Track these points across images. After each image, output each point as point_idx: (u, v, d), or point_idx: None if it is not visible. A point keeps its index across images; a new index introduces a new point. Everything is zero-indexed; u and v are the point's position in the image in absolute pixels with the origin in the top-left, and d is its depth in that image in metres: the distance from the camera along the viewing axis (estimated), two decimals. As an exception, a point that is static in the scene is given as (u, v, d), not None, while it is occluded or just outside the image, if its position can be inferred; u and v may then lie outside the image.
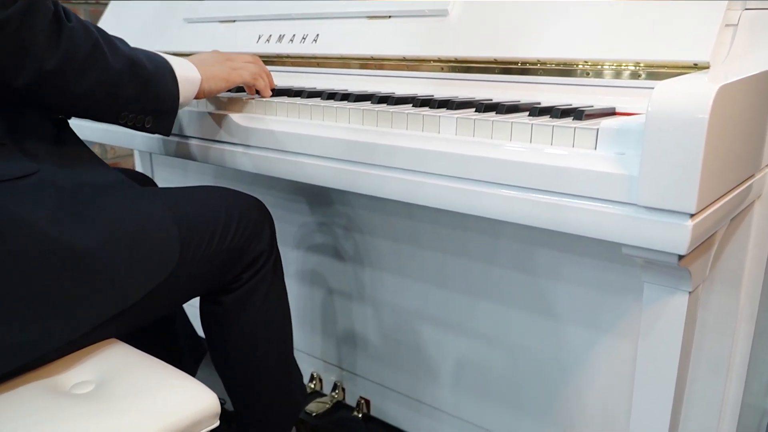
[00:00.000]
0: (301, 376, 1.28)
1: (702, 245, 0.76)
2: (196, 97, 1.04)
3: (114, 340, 0.88)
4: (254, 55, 1.17)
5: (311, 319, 1.63)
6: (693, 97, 0.66)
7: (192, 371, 1.39)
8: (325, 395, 1.61)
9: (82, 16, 2.64)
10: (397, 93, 1.11)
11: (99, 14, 2.55)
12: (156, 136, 1.11)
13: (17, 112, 0.86)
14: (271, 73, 1.21)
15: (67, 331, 0.79)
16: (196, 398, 0.76)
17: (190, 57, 1.08)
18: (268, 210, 1.13)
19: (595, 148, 0.76)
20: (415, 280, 1.37)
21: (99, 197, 0.86)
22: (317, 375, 1.64)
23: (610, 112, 0.89)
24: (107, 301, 0.83)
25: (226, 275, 1.04)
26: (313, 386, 1.63)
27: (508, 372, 1.27)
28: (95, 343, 0.86)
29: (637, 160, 0.71)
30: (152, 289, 0.87)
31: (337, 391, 1.58)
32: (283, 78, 1.29)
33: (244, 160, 1.11)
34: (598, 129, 0.75)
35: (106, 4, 2.49)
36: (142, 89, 0.92)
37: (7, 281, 0.74)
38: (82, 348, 0.84)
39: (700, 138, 0.66)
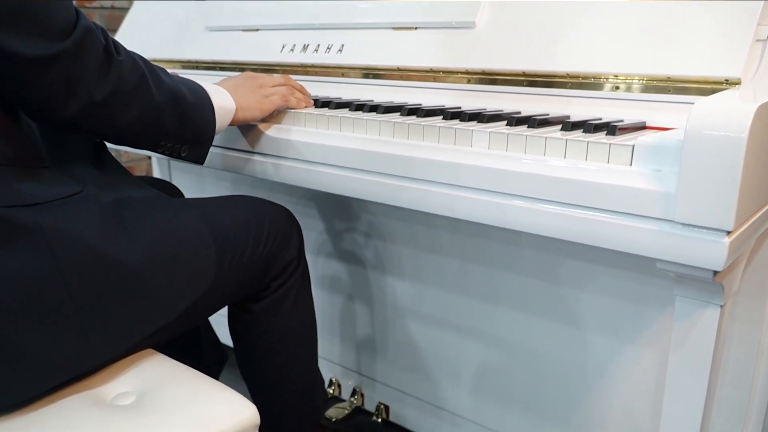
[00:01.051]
0: (323, 381, 1.29)
1: (735, 259, 0.77)
2: (230, 125, 1.06)
3: (151, 350, 0.89)
4: (285, 75, 1.17)
5: (330, 325, 1.64)
6: (732, 117, 0.67)
7: (215, 376, 1.41)
8: (344, 401, 1.62)
9: (97, 21, 2.67)
10: (424, 104, 1.12)
11: (114, 18, 2.57)
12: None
13: (59, 136, 0.88)
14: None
15: (110, 347, 0.81)
16: (237, 410, 0.77)
17: (224, 82, 1.09)
18: (295, 218, 1.14)
19: (631, 164, 0.76)
20: (436, 287, 1.39)
21: (140, 212, 0.87)
22: (336, 380, 1.65)
23: (641, 126, 0.90)
24: (150, 317, 0.84)
25: (256, 284, 1.06)
26: (332, 391, 1.64)
27: (529, 378, 1.28)
28: (133, 353, 0.87)
29: (674, 177, 0.72)
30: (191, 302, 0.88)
31: (356, 397, 1.60)
32: (307, 87, 1.30)
33: (274, 170, 1.12)
34: (634, 145, 0.76)
35: (121, 9, 2.51)
36: (182, 120, 0.93)
37: (55, 297, 0.75)
38: (121, 359, 0.86)
39: (739, 156, 0.67)
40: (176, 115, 0.93)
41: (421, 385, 1.48)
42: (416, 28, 1.18)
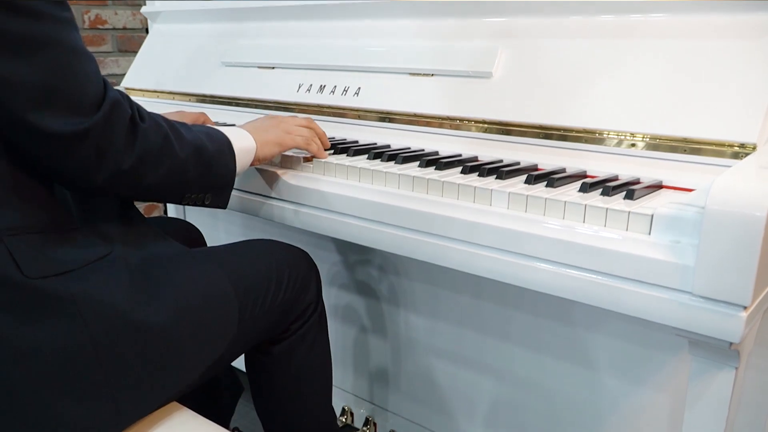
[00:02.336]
0: (335, 416, 1.31)
1: (751, 325, 0.79)
2: (252, 164, 1.07)
3: (176, 404, 0.91)
4: (309, 118, 1.18)
5: (343, 354, 1.66)
6: (751, 196, 0.69)
7: (230, 407, 1.43)
8: (356, 429, 1.64)
9: (110, 43, 2.68)
10: (442, 152, 1.13)
11: (126, 39, 2.59)
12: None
13: (89, 197, 0.90)
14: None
15: (138, 409, 0.83)
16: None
17: (246, 125, 1.10)
18: (313, 261, 1.16)
19: (649, 234, 0.78)
20: (449, 322, 1.40)
21: (166, 271, 0.89)
22: (348, 409, 1.67)
23: (658, 186, 0.92)
24: (176, 376, 0.86)
25: (276, 329, 1.08)
26: (344, 420, 1.66)
27: (543, 416, 1.29)
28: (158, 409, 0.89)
29: (692, 250, 0.73)
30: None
31: (368, 426, 1.61)
32: (323, 128, 1.31)
33: (293, 216, 1.13)
34: (653, 215, 0.78)
35: (133, 29, 2.54)
36: (205, 172, 0.95)
37: (86, 364, 0.77)
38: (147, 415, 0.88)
39: (758, 235, 0.68)
40: (199, 168, 0.95)
41: (433, 417, 1.49)
42: (433, 74, 1.19)
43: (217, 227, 1.90)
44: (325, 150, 1.16)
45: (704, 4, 0.96)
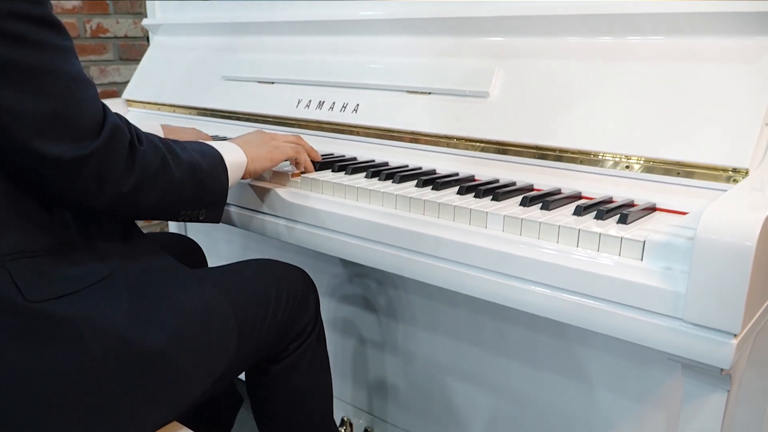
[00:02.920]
0: (337, 430, 1.32)
1: (743, 349, 0.80)
2: (242, 178, 1.09)
3: (175, 423, 0.92)
4: (297, 135, 1.20)
5: (342, 365, 1.67)
6: (741, 226, 0.70)
7: (230, 419, 1.44)
8: (355, 440, 1.65)
9: (111, 51, 2.68)
10: (439, 169, 1.15)
11: (128, 48, 2.61)
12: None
13: (88, 217, 0.91)
14: (311, 137, 1.25)
15: (139, 430, 0.84)
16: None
17: (236, 139, 1.12)
18: (311, 279, 1.17)
19: (641, 260, 0.79)
20: (448, 337, 1.41)
21: (165, 292, 0.91)
22: (348, 419, 1.68)
23: (651, 208, 0.93)
24: (176, 398, 0.87)
25: (275, 348, 1.09)
26: (343, 431, 1.67)
27: (540, 429, 1.30)
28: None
29: (683, 277, 0.74)
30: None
31: (367, 437, 1.63)
32: (322, 143, 1.33)
33: (288, 233, 1.14)
34: (645, 242, 0.79)
35: (134, 38, 2.55)
36: (200, 189, 0.97)
37: (87, 387, 0.78)
38: (147, 435, 0.89)
39: (747, 265, 0.69)
40: (195, 187, 0.96)
41: (431, 428, 1.50)
42: (430, 93, 1.21)
43: (217, 238, 1.92)
44: (320, 165, 1.18)
45: (700, 28, 0.97)
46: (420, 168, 1.16)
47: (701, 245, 0.71)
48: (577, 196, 1.00)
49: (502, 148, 1.10)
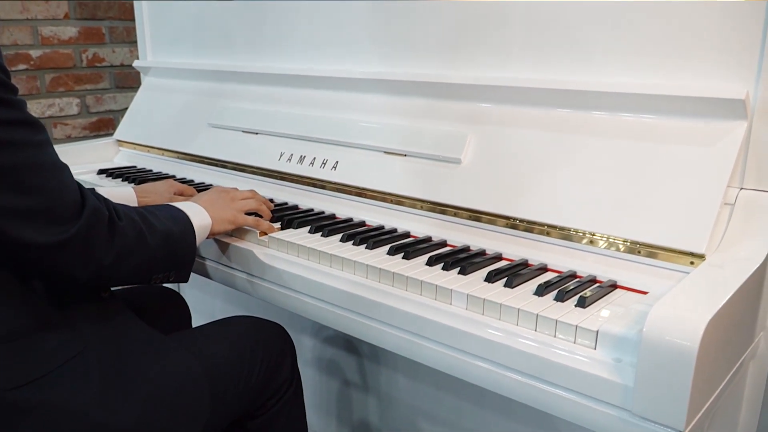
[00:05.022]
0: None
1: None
2: (207, 237, 1.13)
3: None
4: (252, 190, 1.26)
5: (328, 404, 1.70)
6: (685, 327, 0.72)
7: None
8: (338, 479, 1.68)
9: (107, 80, 2.71)
10: (413, 232, 1.17)
11: (123, 76, 2.64)
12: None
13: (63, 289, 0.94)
14: (292, 190, 1.28)
15: None
16: None
17: (200, 197, 1.17)
18: (288, 335, 1.20)
19: (595, 348, 0.81)
20: (428, 385, 1.44)
21: (137, 364, 0.94)
22: (331, 458, 1.71)
23: (612, 286, 0.95)
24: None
25: (251, 407, 1.12)
26: (327, 469, 1.70)
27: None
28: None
29: (633, 370, 0.77)
30: None
31: (350, 477, 1.65)
32: (302, 197, 1.36)
33: (261, 291, 1.16)
34: (598, 331, 0.81)
35: (131, 66, 2.58)
36: (171, 254, 1.01)
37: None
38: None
39: (690, 365, 0.71)
40: (167, 253, 1.00)
41: (413, 472, 1.53)
42: (405, 155, 1.23)
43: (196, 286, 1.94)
44: (298, 224, 1.21)
45: (663, 108, 1.00)
46: (395, 231, 1.19)
47: (647, 344, 0.73)
48: (543, 269, 1.02)
49: (474, 214, 1.13)
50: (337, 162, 1.32)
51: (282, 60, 1.55)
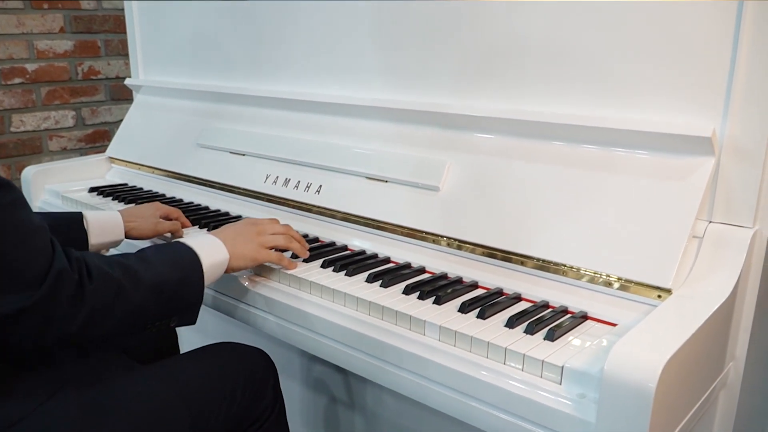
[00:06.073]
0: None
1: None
2: (225, 272, 1.09)
3: None
4: (287, 225, 1.19)
5: (314, 420, 1.72)
6: (645, 365, 0.74)
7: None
8: (325, 494, 1.69)
9: (103, 92, 2.73)
10: (393, 257, 1.19)
11: (119, 88, 2.66)
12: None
13: None
14: (276, 212, 1.31)
15: None
16: None
17: (223, 230, 1.12)
18: (271, 360, 1.21)
19: (560, 383, 0.83)
20: (412, 404, 1.46)
21: (116, 398, 0.95)
22: (319, 473, 1.73)
23: (583, 317, 0.97)
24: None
25: (233, 433, 1.13)
26: (314, 485, 1.72)
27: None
28: None
29: (595, 407, 0.79)
30: None
31: (337, 492, 1.67)
32: (287, 219, 1.38)
33: (239, 314, 1.18)
34: (563, 367, 0.83)
35: (123, 78, 2.61)
36: (167, 303, 0.97)
37: None
38: None
39: (648, 404, 0.73)
40: (160, 302, 0.96)
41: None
42: (387, 181, 1.25)
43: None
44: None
45: (635, 143, 1.02)
46: (376, 256, 1.21)
47: (607, 382, 0.75)
48: (518, 298, 1.04)
49: (456, 242, 1.14)
50: (320, 186, 1.34)
51: (271, 82, 1.57)
